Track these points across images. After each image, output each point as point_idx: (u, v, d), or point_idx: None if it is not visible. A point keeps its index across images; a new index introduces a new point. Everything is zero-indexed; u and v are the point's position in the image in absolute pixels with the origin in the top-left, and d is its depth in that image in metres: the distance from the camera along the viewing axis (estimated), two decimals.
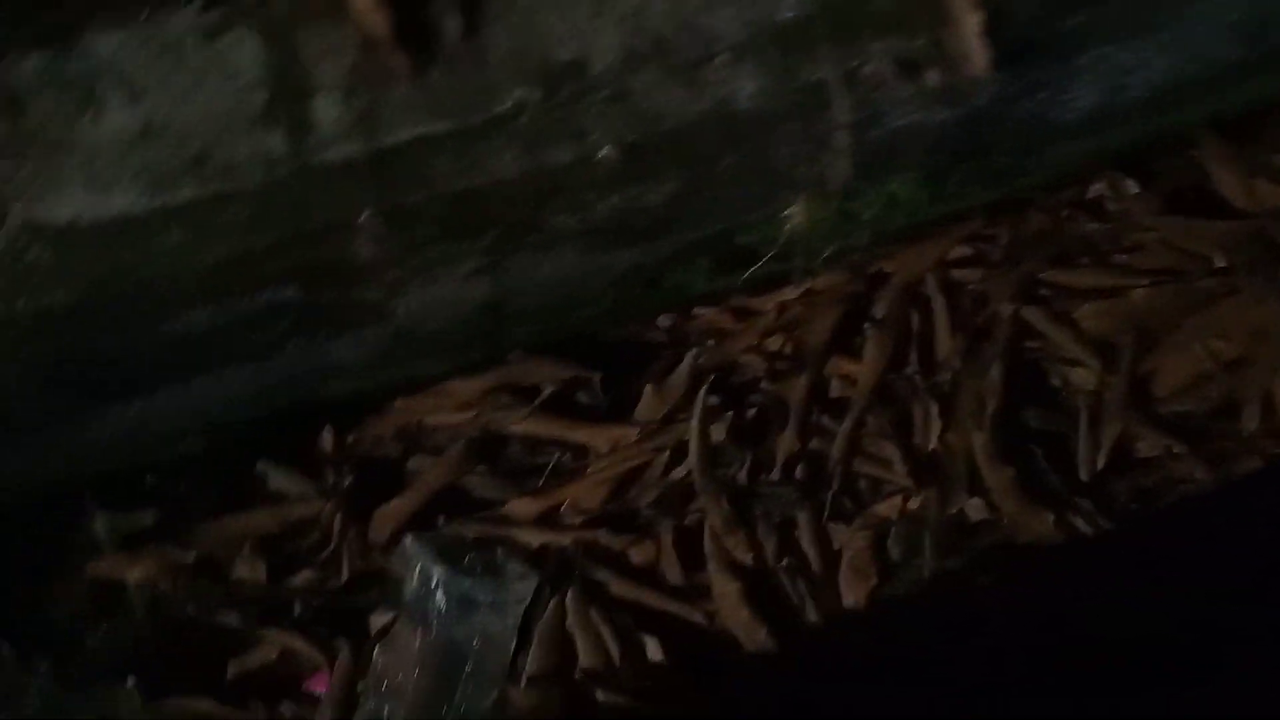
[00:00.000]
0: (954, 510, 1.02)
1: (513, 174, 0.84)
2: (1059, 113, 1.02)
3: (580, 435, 1.02)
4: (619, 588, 0.99)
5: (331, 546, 0.96)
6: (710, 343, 1.08)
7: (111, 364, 0.85)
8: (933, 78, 0.95)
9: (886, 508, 1.01)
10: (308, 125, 0.79)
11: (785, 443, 1.02)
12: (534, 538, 0.99)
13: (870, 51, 0.92)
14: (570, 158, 0.86)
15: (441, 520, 1.00)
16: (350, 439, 1.01)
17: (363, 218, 0.81)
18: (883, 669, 0.94)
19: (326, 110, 0.79)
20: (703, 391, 0.99)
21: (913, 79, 0.95)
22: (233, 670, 0.97)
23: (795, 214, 0.98)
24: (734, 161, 0.92)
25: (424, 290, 0.88)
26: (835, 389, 1.06)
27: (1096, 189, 1.17)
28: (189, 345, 0.85)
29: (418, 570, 0.96)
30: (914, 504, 1.01)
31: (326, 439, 1.00)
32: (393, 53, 0.81)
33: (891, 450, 1.04)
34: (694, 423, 0.99)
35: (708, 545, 1.00)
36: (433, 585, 0.95)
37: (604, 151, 0.86)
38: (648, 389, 1.03)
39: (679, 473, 1.01)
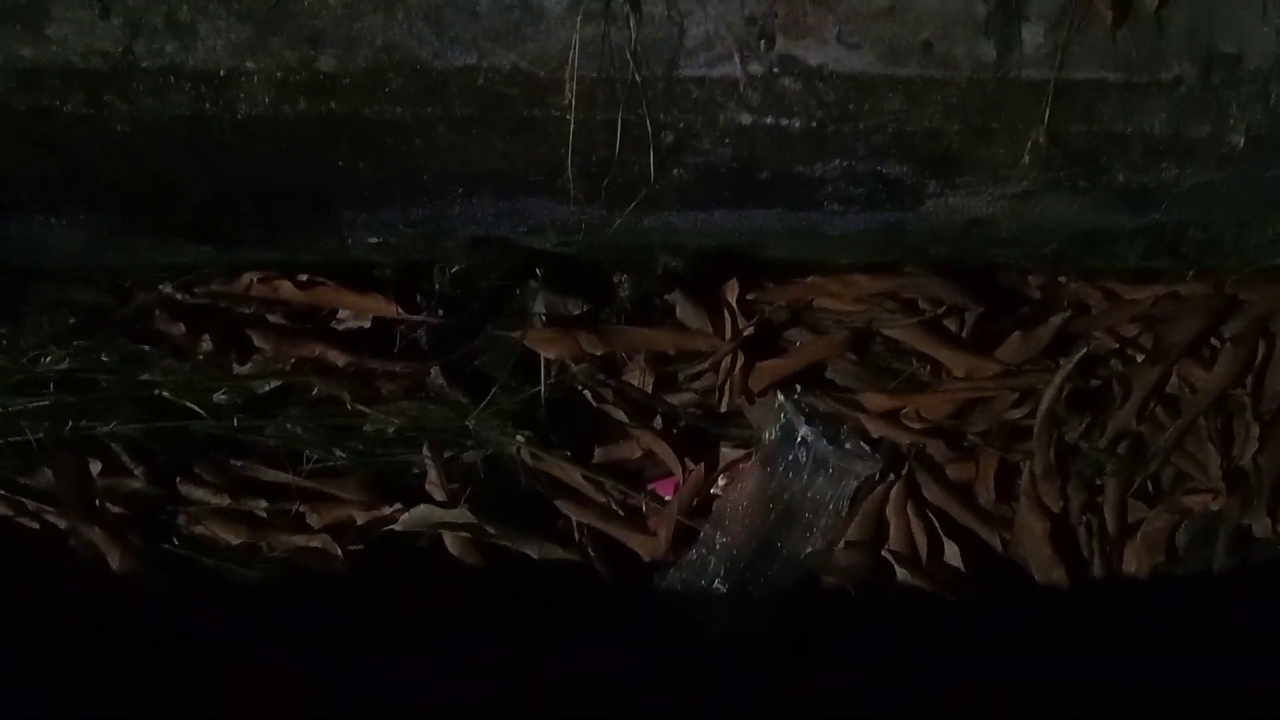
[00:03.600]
0: (1246, 522, 1.15)
1: (1157, 132, 0.94)
2: None
3: (944, 356, 1.14)
4: (936, 494, 1.15)
5: (718, 380, 1.13)
6: (1069, 313, 1.16)
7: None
8: None
9: (1193, 501, 1.13)
10: (1015, 43, 0.91)
11: (1120, 419, 1.14)
12: (877, 428, 1.14)
13: None
14: (1205, 134, 0.95)
15: (799, 388, 1.16)
16: (750, 297, 1.16)
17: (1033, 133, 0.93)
18: None
19: (1033, 35, 0.90)
20: (1077, 354, 1.10)
21: None
22: (600, 454, 1.17)
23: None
24: None
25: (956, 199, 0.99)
26: (1173, 387, 1.18)
27: None
28: (782, 187, 0.97)
29: (782, 423, 1.13)
30: (1216, 505, 1.14)
31: (731, 290, 1.15)
32: (1103, 2, 0.91)
33: (1210, 455, 1.15)
34: (1056, 378, 1.10)
35: (1024, 484, 1.14)
36: (796, 439, 1.10)
37: (1235, 138, 0.95)
38: (1016, 335, 1.14)
39: (1016, 414, 1.15)
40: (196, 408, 1.08)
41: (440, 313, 1.12)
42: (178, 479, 1.10)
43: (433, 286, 1.10)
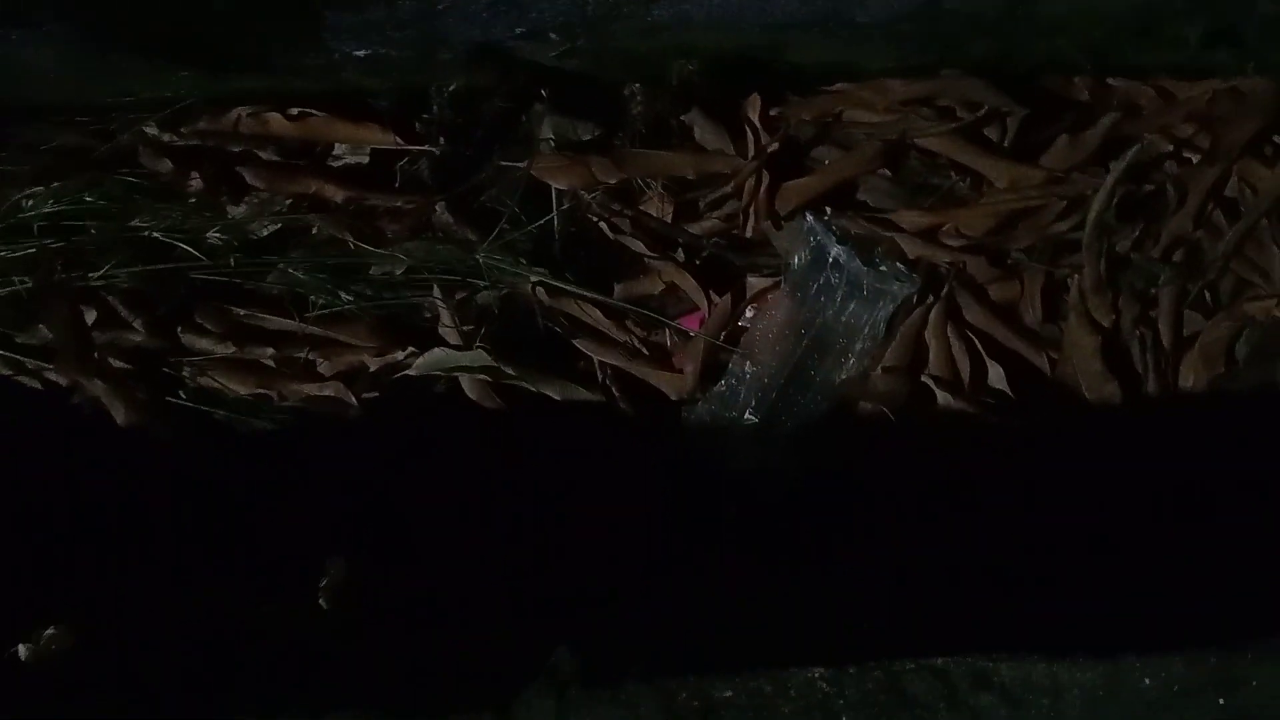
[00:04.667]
0: None
1: None
2: None
3: (984, 166, 1.06)
4: (978, 315, 1.08)
5: (742, 203, 1.06)
6: (1118, 114, 1.07)
7: None
8: None
9: (1255, 308, 1.06)
10: None
11: (1175, 225, 1.06)
12: (914, 248, 1.07)
13: None
14: None
15: (829, 210, 1.09)
16: (773, 112, 1.09)
17: None
18: None
19: None
20: (1128, 156, 1.02)
21: None
22: (620, 290, 1.11)
23: None
24: None
25: None
26: (1232, 189, 1.10)
27: None
28: None
29: (812, 245, 1.06)
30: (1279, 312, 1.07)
31: (753, 106, 1.07)
32: None
33: (1274, 258, 1.06)
34: (1107, 181, 1.02)
35: (1072, 299, 1.07)
36: (827, 262, 1.04)
37: None
38: (1062, 138, 1.06)
39: (1062, 226, 1.07)
40: (192, 251, 1.04)
41: (441, 142, 1.05)
42: (179, 329, 1.06)
43: (432, 113, 1.04)
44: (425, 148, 1.04)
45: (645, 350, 1.08)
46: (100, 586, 1.03)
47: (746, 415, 1.04)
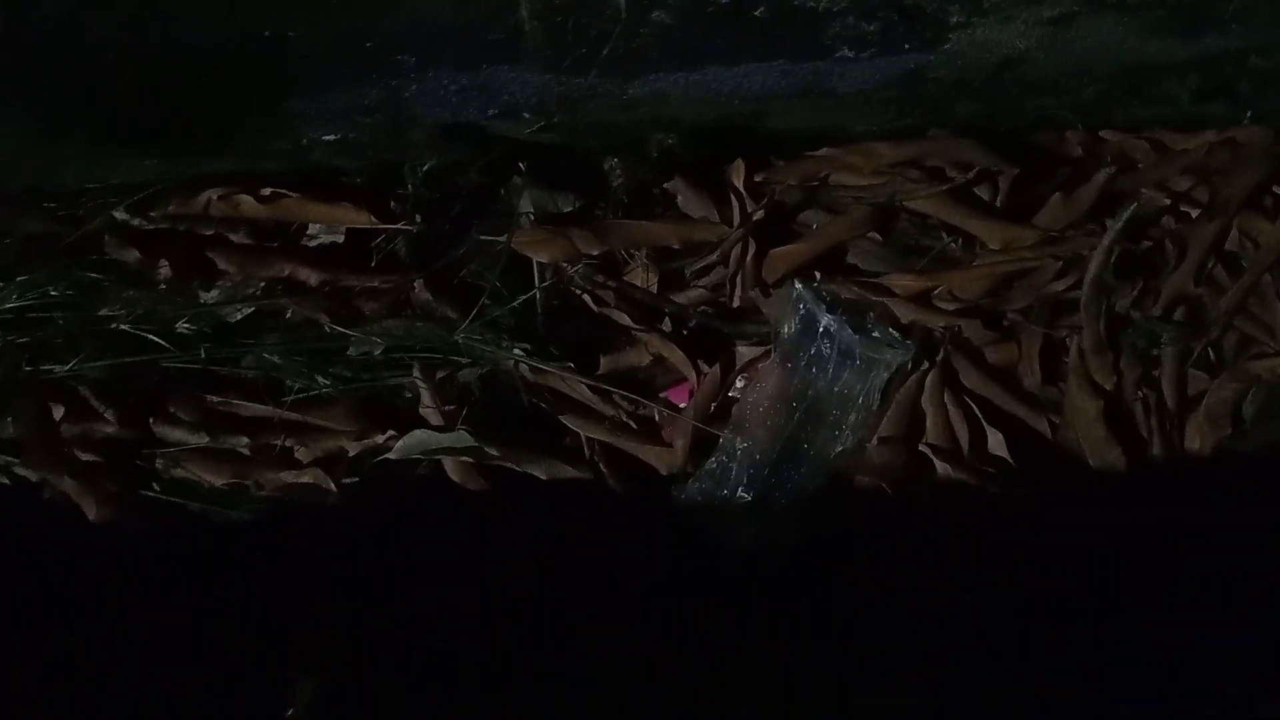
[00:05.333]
0: None
1: None
2: None
3: (977, 226, 1.03)
4: (975, 380, 1.04)
5: (729, 272, 1.03)
6: (1113, 169, 1.04)
7: None
8: None
9: (1260, 366, 1.02)
10: None
11: (1175, 283, 1.03)
12: (907, 313, 1.04)
13: None
14: None
15: (818, 275, 1.06)
16: (758, 178, 1.06)
17: None
18: None
19: None
20: (1125, 213, 0.99)
21: None
22: (606, 363, 1.07)
23: None
24: None
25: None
26: (1232, 243, 1.07)
27: None
28: (782, 27, 0.85)
29: (802, 314, 1.03)
30: None
31: (737, 172, 1.04)
32: None
33: (1278, 314, 1.04)
34: (1104, 239, 0.99)
35: (1072, 361, 1.03)
36: (818, 330, 1.01)
37: None
38: (1055, 197, 1.03)
39: (1059, 285, 1.04)
40: (162, 341, 1.01)
41: (418, 219, 1.02)
42: (151, 419, 1.03)
43: (407, 190, 1.01)
44: (402, 225, 1.02)
45: (634, 425, 1.05)
46: (74, 685, 1.01)
47: (739, 493, 1.00)
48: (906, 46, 0.87)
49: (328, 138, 0.90)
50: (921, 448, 1.02)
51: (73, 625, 0.98)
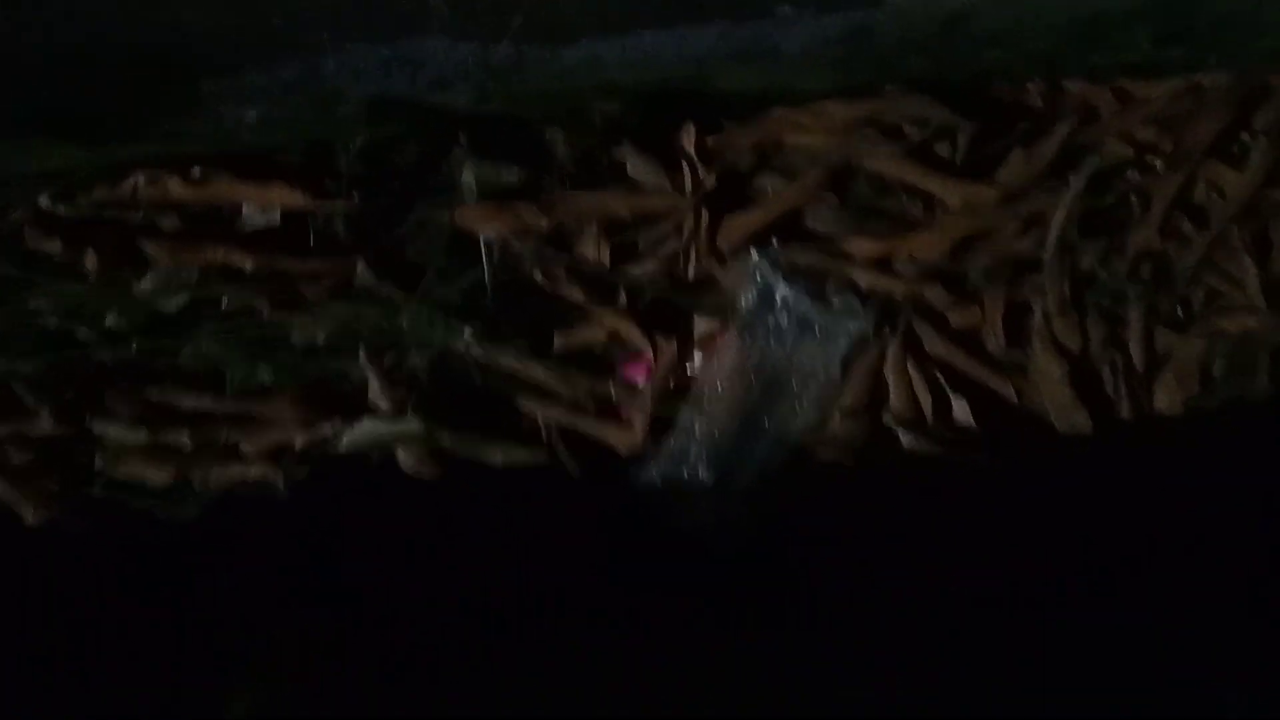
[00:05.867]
0: None
1: None
2: None
3: (936, 186, 1.00)
4: (938, 346, 1.02)
5: (682, 243, 0.99)
6: (1074, 120, 1.01)
7: None
8: None
9: (1228, 322, 1.00)
10: None
11: (1140, 238, 1.00)
12: (867, 279, 1.01)
13: None
14: None
15: (775, 243, 1.03)
16: (710, 141, 1.02)
17: None
18: None
19: None
20: (1087, 167, 0.96)
21: None
22: (560, 341, 1.04)
23: None
24: None
25: None
26: (1199, 195, 1.04)
27: None
28: None
29: (759, 284, 1.00)
30: (1254, 323, 1.01)
31: (688, 136, 1.00)
32: None
33: (1247, 267, 1.01)
34: (1066, 195, 0.97)
35: (1036, 323, 1.01)
36: (776, 301, 0.98)
37: None
38: (1016, 152, 0.99)
39: (1022, 245, 1.01)
40: (94, 335, 0.97)
41: (355, 196, 0.98)
42: (88, 415, 0.99)
43: (342, 167, 0.97)
44: (339, 204, 0.98)
45: (591, 405, 1.03)
46: (13, 691, 0.98)
47: (700, 472, 0.98)
48: (849, 3, 0.83)
49: (250, 117, 0.85)
50: (885, 419, 1.01)
51: (11, 631, 0.96)
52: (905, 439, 0.99)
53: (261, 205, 0.98)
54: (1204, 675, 0.95)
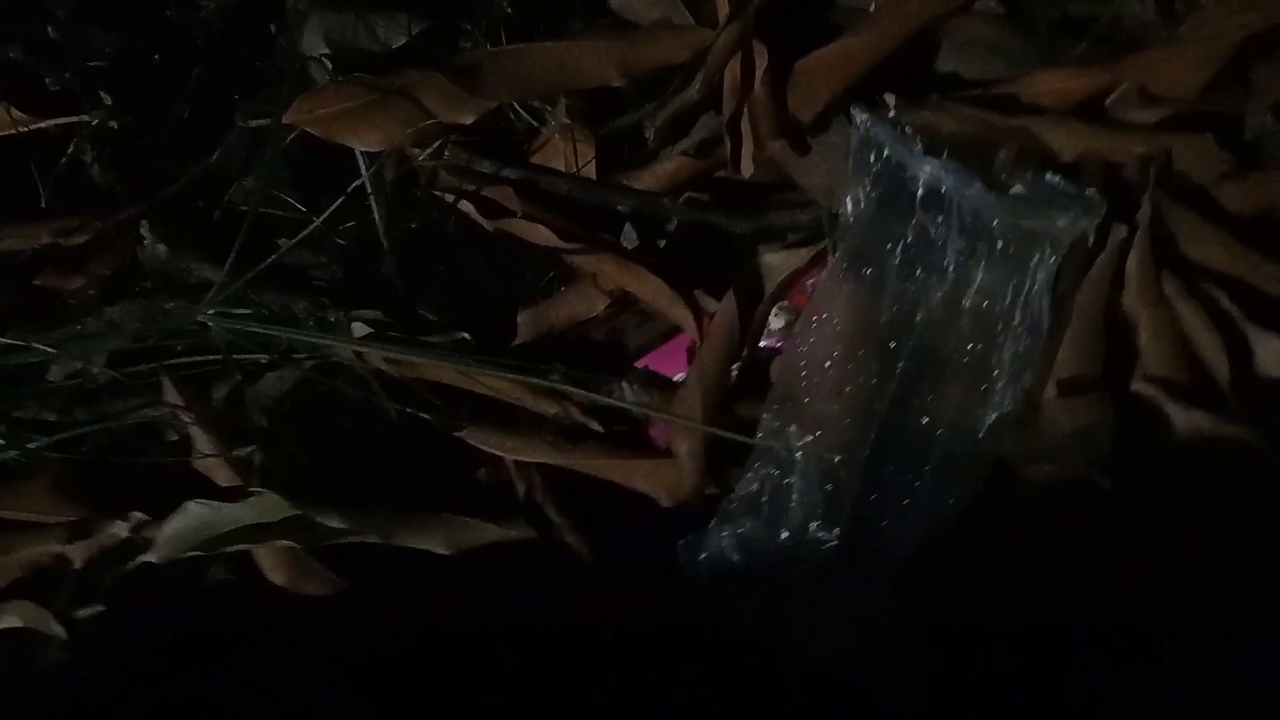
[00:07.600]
0: None
1: None
2: None
3: None
4: (1213, 248, 0.60)
5: (724, 116, 0.57)
6: None
7: None
8: None
9: None
10: None
11: None
12: (1069, 142, 0.59)
13: None
14: None
15: (891, 99, 0.61)
16: None
17: None
18: None
19: None
20: None
21: None
22: (526, 323, 0.59)
23: None
24: None
25: None
26: None
27: None
28: None
29: (875, 171, 0.57)
30: None
31: None
32: None
33: None
34: None
35: None
36: (914, 195, 0.56)
37: None
38: None
39: None
40: None
41: (106, 101, 0.57)
42: None
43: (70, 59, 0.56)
44: (78, 119, 0.57)
45: (596, 428, 0.61)
46: None
47: (813, 530, 0.57)
48: None
49: None
50: (1139, 387, 0.60)
51: None
52: (1179, 419, 0.58)
53: None
54: None
